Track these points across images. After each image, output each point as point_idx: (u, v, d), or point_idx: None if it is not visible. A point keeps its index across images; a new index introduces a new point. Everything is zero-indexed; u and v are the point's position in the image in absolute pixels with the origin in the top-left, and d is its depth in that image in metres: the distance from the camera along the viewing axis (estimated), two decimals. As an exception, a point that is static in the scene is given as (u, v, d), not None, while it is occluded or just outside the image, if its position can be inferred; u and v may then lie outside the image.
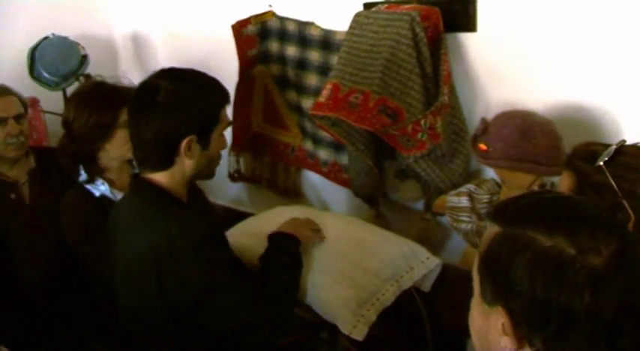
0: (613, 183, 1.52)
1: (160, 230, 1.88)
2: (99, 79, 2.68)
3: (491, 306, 1.08)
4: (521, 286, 1.01)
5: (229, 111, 2.09)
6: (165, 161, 1.96)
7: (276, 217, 2.40)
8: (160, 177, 1.99)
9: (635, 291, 1.01)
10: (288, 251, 2.14)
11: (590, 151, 1.64)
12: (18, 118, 2.84)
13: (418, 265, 2.28)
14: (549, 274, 0.99)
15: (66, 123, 2.55)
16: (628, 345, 1.00)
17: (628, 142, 1.65)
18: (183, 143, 1.92)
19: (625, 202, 1.49)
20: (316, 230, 2.29)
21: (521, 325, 1.03)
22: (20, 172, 2.92)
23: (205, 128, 1.97)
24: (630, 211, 1.47)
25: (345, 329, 2.12)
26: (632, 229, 1.45)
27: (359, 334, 2.10)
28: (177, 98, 1.90)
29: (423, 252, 2.31)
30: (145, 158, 2.01)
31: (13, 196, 2.89)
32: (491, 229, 1.10)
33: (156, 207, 1.96)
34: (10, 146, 2.81)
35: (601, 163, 1.56)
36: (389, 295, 2.20)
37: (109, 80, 2.64)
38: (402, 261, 2.26)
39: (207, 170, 2.07)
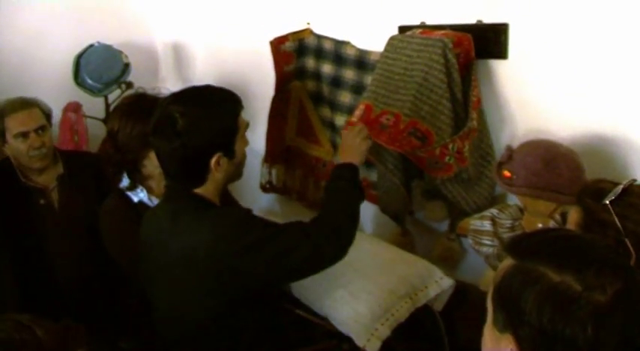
0: (617, 222, 1.55)
1: (207, 230, 1.94)
2: (140, 90, 2.76)
3: (502, 333, 1.15)
4: (530, 317, 1.08)
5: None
6: (198, 181, 2.04)
7: None
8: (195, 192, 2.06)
9: (635, 329, 1.07)
10: (345, 178, 2.24)
11: (598, 188, 1.67)
12: (40, 130, 2.92)
13: (432, 284, 2.35)
14: (556, 308, 1.06)
15: (111, 133, 2.61)
16: None
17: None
18: (212, 162, 1.99)
19: (627, 241, 1.52)
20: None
21: None
22: (49, 177, 3.01)
23: (228, 141, 2.04)
24: (632, 250, 1.50)
25: (359, 342, 2.18)
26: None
27: (372, 347, 2.17)
28: (196, 123, 1.96)
29: (437, 272, 2.38)
30: (179, 185, 2.08)
31: (42, 201, 2.98)
32: (506, 262, 1.17)
33: (198, 210, 2.01)
34: (34, 158, 2.92)
35: (607, 202, 1.59)
36: (403, 312, 2.26)
37: (150, 91, 2.72)
38: (417, 279, 2.34)
39: (236, 173, 2.14)
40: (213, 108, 2.02)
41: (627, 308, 1.07)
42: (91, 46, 3.59)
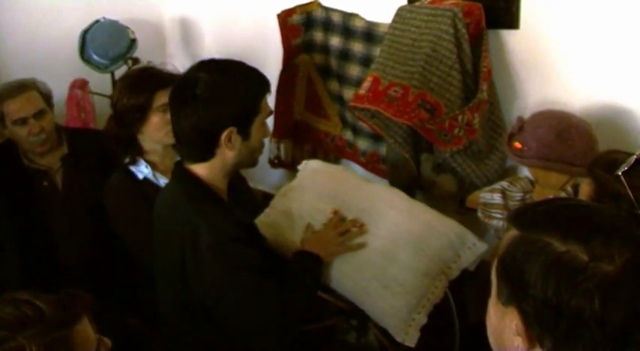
0: (630, 194, 1.51)
1: (189, 224, 1.92)
2: (149, 64, 2.75)
3: (506, 306, 1.11)
4: (535, 289, 1.04)
5: (271, 99, 2.10)
6: (206, 153, 1.99)
7: (315, 192, 2.37)
8: (200, 169, 2.02)
9: None
10: (308, 270, 2.09)
11: (611, 159, 1.63)
12: (39, 114, 2.87)
13: (465, 251, 2.22)
14: (562, 279, 1.02)
15: (112, 105, 2.63)
16: None
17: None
18: (224, 135, 1.94)
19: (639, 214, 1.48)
20: (356, 228, 2.20)
21: (533, 326, 1.06)
22: (53, 158, 2.97)
23: (245, 119, 1.98)
24: None
25: (397, 337, 2.10)
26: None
27: (411, 340, 2.08)
28: (216, 91, 1.92)
29: (470, 237, 2.23)
30: (186, 151, 2.04)
31: (45, 183, 2.95)
32: (510, 233, 1.13)
33: (190, 200, 1.99)
34: (34, 143, 2.88)
35: (619, 173, 1.54)
36: (439, 292, 2.17)
37: (158, 66, 2.70)
38: (449, 252, 2.19)
39: (249, 160, 2.08)
40: (237, 81, 1.98)
41: (637, 279, 1.02)
42: (97, 21, 3.54)
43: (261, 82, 2.04)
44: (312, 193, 2.36)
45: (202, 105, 1.92)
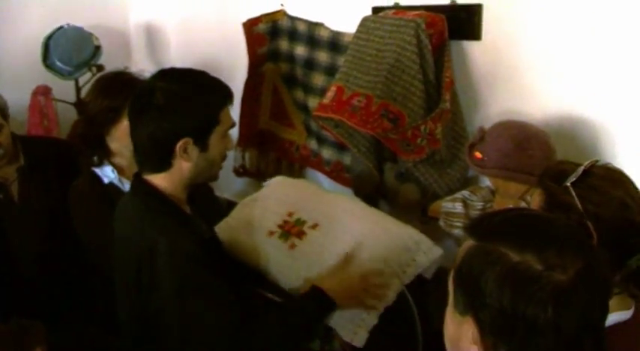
0: (579, 204, 1.52)
1: (147, 240, 1.88)
2: (125, 69, 2.74)
3: (462, 315, 1.13)
4: (490, 298, 1.06)
5: (236, 107, 2.06)
6: (162, 163, 1.95)
7: (275, 199, 2.37)
8: (159, 179, 1.97)
9: (595, 308, 1.07)
10: (316, 317, 2.00)
11: (559, 170, 1.63)
12: None
13: (420, 256, 2.17)
14: (517, 288, 1.04)
15: (83, 105, 2.60)
16: None
17: (622, 157, 1.64)
18: (178, 145, 1.89)
19: (589, 224, 1.49)
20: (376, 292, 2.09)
21: (489, 335, 1.08)
22: (9, 170, 2.87)
23: (203, 131, 1.93)
24: (594, 233, 1.48)
25: (345, 337, 2.06)
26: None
27: (360, 341, 2.05)
28: (173, 100, 1.88)
29: (426, 242, 2.19)
30: (143, 160, 2.00)
31: (1, 195, 2.86)
32: (467, 243, 1.15)
33: (149, 213, 1.95)
34: None
35: (568, 184, 1.56)
36: (390, 295, 2.12)
37: (135, 72, 2.70)
38: (404, 255, 2.16)
39: (208, 173, 2.03)
40: (196, 91, 1.93)
41: (588, 288, 1.05)
42: (61, 27, 3.52)
43: (222, 93, 2.00)
44: (272, 201, 2.37)
45: (157, 114, 1.88)
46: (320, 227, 2.22)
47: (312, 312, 1.98)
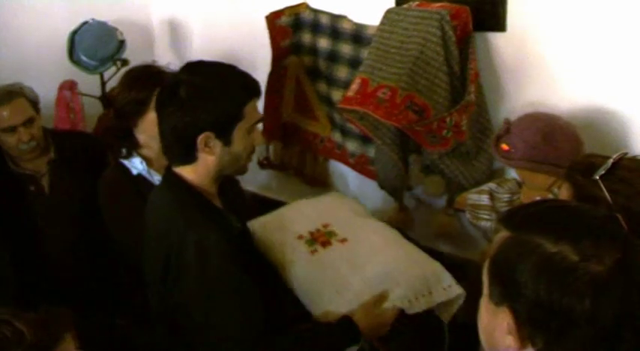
0: (608, 197, 1.52)
1: (176, 234, 1.88)
2: (153, 62, 2.77)
3: (498, 306, 1.13)
4: (526, 289, 1.06)
5: (260, 101, 2.03)
6: (187, 156, 1.95)
7: (318, 212, 2.41)
8: (187, 172, 1.98)
9: (634, 299, 1.06)
10: (339, 346, 2.01)
11: (588, 163, 1.63)
12: (28, 122, 2.86)
13: (438, 291, 2.13)
14: (553, 279, 1.04)
15: (110, 97, 2.63)
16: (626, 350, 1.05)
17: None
18: (199, 140, 1.89)
19: (619, 217, 1.49)
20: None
21: (525, 326, 1.08)
22: (40, 163, 2.98)
23: (224, 125, 1.92)
24: (624, 225, 1.47)
25: None
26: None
27: None
28: (195, 94, 1.88)
29: (447, 279, 2.15)
30: (168, 152, 2.01)
31: (32, 188, 2.95)
32: (502, 234, 1.15)
33: (180, 207, 1.95)
34: (24, 151, 2.88)
35: (597, 177, 1.56)
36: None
37: (162, 66, 2.73)
38: (420, 284, 2.13)
39: (234, 166, 2.02)
40: (220, 85, 1.91)
41: (626, 279, 1.05)
42: (86, 23, 3.54)
43: (248, 87, 1.97)
44: (313, 210, 2.43)
45: (180, 107, 1.88)
46: (347, 243, 2.24)
47: (338, 340, 2.00)
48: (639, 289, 1.07)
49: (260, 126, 2.06)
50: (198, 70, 1.96)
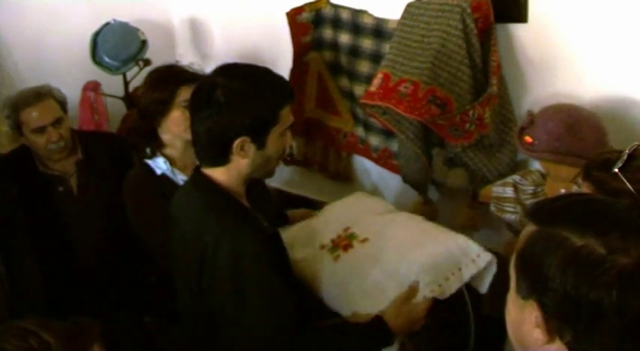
0: (630, 187, 1.52)
1: (210, 237, 1.89)
2: (176, 62, 2.79)
3: (525, 300, 1.14)
4: (554, 283, 1.06)
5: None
6: (220, 159, 1.95)
7: (340, 217, 2.44)
8: (217, 173, 1.98)
9: None
10: (371, 347, 2.04)
11: (603, 159, 1.63)
12: (57, 122, 2.90)
13: (467, 265, 2.13)
14: (580, 273, 1.04)
15: (134, 97, 2.65)
16: None
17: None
18: (235, 143, 1.89)
19: None
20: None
21: (553, 319, 1.09)
22: (68, 164, 3.02)
23: (261, 130, 1.92)
24: None
25: None
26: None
27: None
28: (232, 98, 1.87)
29: (473, 249, 2.15)
30: (201, 154, 2.01)
31: (61, 188, 2.99)
32: (528, 228, 1.15)
33: (212, 209, 1.95)
34: (53, 151, 2.92)
35: (616, 170, 1.56)
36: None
37: (185, 65, 2.75)
38: (446, 262, 2.13)
39: (264, 169, 2.03)
40: (256, 90, 1.91)
41: None
42: (107, 24, 3.57)
43: (283, 92, 1.98)
44: (336, 216, 2.48)
45: (217, 111, 1.88)
46: (368, 241, 2.26)
47: (370, 342, 2.01)
48: None
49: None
50: (235, 74, 1.96)
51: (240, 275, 1.87)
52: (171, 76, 2.60)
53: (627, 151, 1.59)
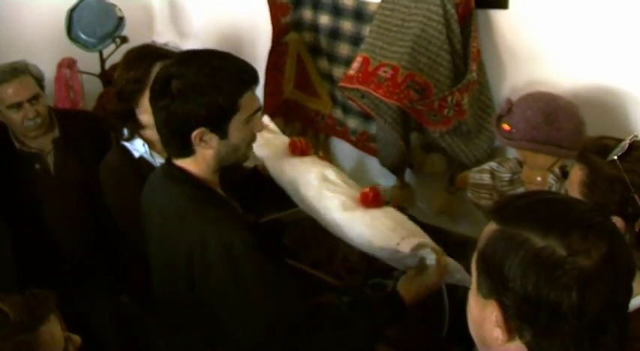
0: (626, 177, 1.52)
1: (195, 234, 1.84)
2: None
3: (486, 299, 1.13)
4: (514, 283, 1.06)
5: (261, 78, 1.98)
6: (185, 150, 1.91)
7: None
8: (187, 164, 1.94)
9: (619, 292, 1.07)
10: (386, 323, 1.99)
11: (602, 144, 1.63)
12: (33, 99, 2.86)
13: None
14: (540, 274, 1.04)
15: (111, 79, 2.62)
16: (611, 341, 1.06)
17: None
18: (193, 135, 1.85)
19: (636, 197, 1.50)
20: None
21: (513, 319, 1.08)
22: (45, 141, 2.98)
23: (219, 120, 1.86)
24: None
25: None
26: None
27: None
28: (187, 89, 1.81)
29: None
30: (166, 145, 1.98)
31: (37, 166, 2.96)
32: (490, 227, 1.14)
33: (192, 205, 1.91)
34: (29, 128, 2.88)
35: (615, 158, 1.55)
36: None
37: (161, 44, 2.75)
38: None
39: (233, 157, 1.97)
40: (212, 80, 1.83)
41: (612, 273, 1.05)
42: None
43: (242, 78, 1.89)
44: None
45: (171, 102, 1.83)
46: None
47: (383, 319, 1.97)
48: (624, 281, 1.08)
49: (259, 113, 2.00)
50: (191, 63, 1.88)
51: (235, 265, 1.82)
52: (146, 55, 2.57)
53: (628, 141, 1.59)
